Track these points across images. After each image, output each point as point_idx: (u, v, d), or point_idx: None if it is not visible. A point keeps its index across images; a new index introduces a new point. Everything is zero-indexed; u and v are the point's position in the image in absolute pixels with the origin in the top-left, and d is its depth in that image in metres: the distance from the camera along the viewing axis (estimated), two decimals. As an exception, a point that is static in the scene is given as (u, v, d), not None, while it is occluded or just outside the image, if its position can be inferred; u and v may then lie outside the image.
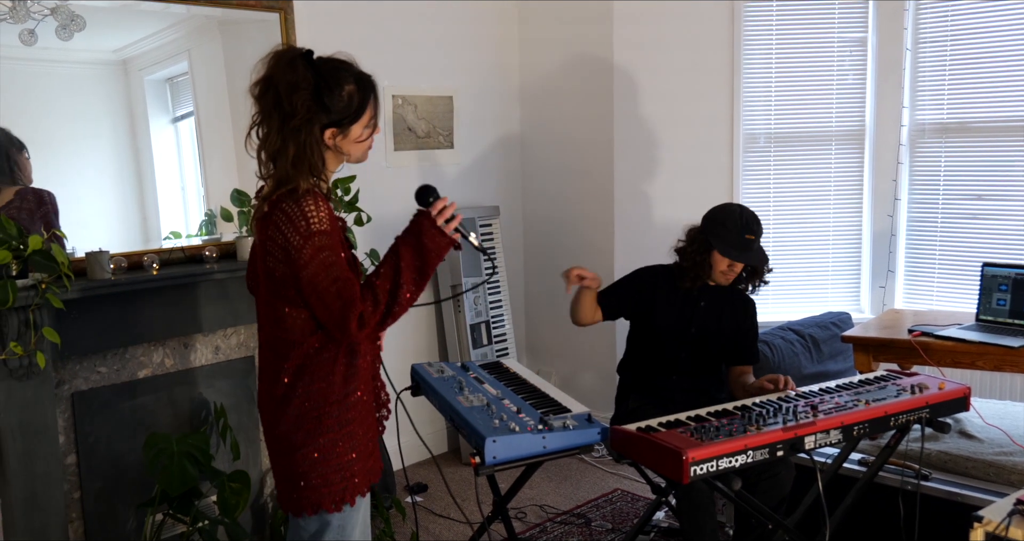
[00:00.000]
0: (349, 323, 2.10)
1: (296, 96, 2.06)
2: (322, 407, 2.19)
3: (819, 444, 2.52)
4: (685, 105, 4.81)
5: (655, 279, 3.42)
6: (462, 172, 4.99)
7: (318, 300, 2.10)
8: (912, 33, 4.60)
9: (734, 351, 3.46)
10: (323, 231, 2.09)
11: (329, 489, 2.21)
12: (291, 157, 2.10)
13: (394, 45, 4.52)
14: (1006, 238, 4.42)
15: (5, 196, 3.05)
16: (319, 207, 2.10)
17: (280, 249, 2.11)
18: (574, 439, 2.52)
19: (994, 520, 2.43)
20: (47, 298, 2.77)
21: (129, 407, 3.28)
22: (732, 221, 3.29)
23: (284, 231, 2.09)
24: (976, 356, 3.44)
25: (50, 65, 3.19)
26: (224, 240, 3.64)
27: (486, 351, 4.84)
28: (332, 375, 2.20)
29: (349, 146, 2.21)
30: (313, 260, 2.08)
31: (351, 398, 2.24)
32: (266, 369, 2.29)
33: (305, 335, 2.18)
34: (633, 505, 4.15)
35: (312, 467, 2.20)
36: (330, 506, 2.22)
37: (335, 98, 2.12)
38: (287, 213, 2.09)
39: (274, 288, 2.18)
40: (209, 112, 3.70)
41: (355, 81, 2.17)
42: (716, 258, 3.29)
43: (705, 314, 3.39)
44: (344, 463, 2.23)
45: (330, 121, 2.14)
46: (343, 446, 2.22)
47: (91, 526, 3.19)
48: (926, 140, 4.64)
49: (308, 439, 2.20)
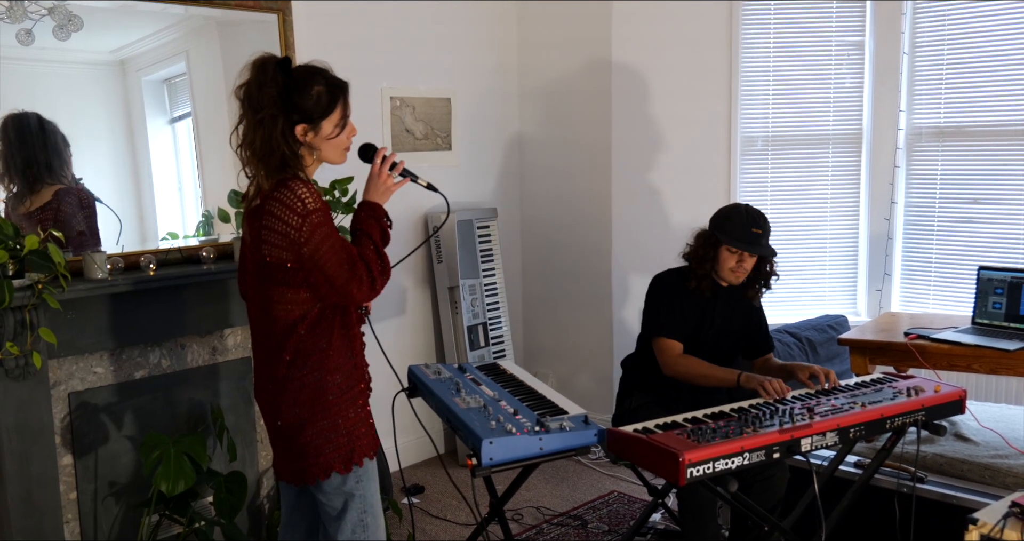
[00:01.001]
0: (360, 284, 2.28)
1: (263, 92, 2.27)
2: (324, 376, 2.34)
3: (815, 446, 2.53)
4: (683, 107, 4.82)
5: (676, 284, 3.40)
6: (460, 174, 4.99)
7: (321, 270, 2.25)
8: (909, 37, 4.60)
9: (751, 345, 3.49)
10: (318, 209, 2.26)
11: (338, 452, 2.37)
12: (258, 147, 2.29)
13: (392, 46, 4.52)
14: (1002, 242, 4.43)
15: (44, 196, 3.06)
16: (310, 190, 2.27)
17: (278, 235, 2.25)
18: (571, 441, 2.52)
19: (989, 522, 2.44)
20: (44, 298, 2.77)
21: (126, 408, 3.28)
22: (738, 216, 3.30)
23: (280, 215, 2.24)
24: (972, 359, 3.44)
25: (47, 65, 3.19)
26: (221, 241, 3.64)
27: (483, 353, 4.84)
28: (330, 347, 2.35)
29: (321, 143, 2.36)
30: (314, 234, 2.24)
31: (347, 366, 2.39)
32: (263, 358, 2.44)
33: (301, 313, 2.31)
34: (630, 507, 4.15)
35: (320, 435, 2.35)
36: (340, 467, 2.37)
37: (304, 96, 2.30)
38: (280, 199, 2.25)
39: (266, 273, 2.31)
40: (207, 113, 3.70)
41: (325, 83, 2.35)
42: (724, 255, 3.29)
43: (722, 314, 3.40)
44: (349, 427, 2.38)
45: (300, 117, 2.31)
46: (346, 411, 2.38)
47: (87, 527, 3.19)
48: (922, 144, 4.64)
49: (314, 410, 2.35)
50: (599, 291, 4.99)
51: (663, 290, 3.41)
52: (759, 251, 3.28)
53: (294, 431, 2.37)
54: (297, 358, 2.33)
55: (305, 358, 2.33)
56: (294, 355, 2.33)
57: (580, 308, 5.12)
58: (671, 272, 3.45)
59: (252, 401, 3.66)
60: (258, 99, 2.27)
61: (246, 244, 2.44)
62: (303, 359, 2.33)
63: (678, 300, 3.35)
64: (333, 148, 2.39)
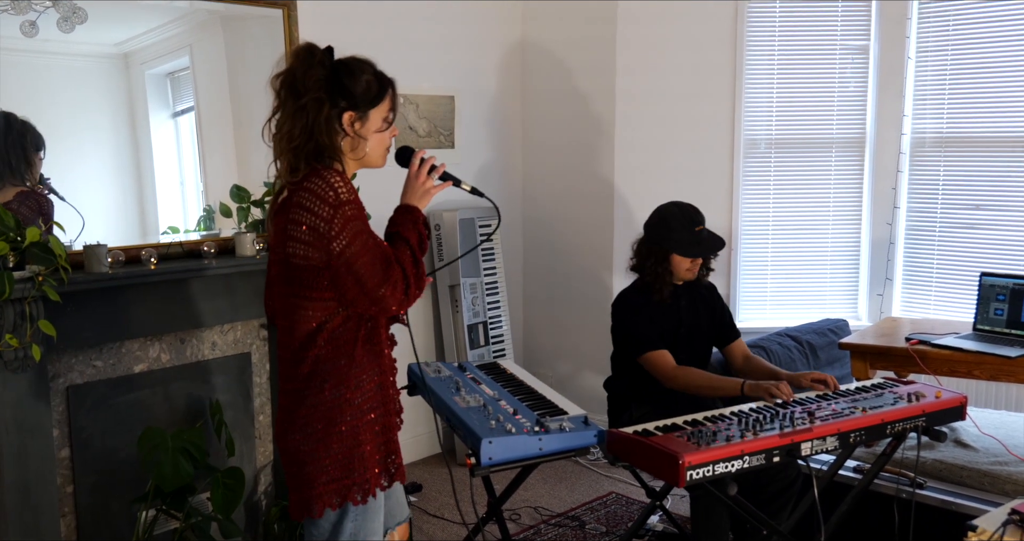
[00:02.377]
0: (394, 289, 2.09)
1: (309, 74, 2.09)
2: (343, 394, 2.14)
3: (815, 451, 2.52)
4: (687, 108, 4.81)
5: (638, 302, 3.40)
6: (462, 172, 4.96)
7: (350, 270, 2.06)
8: (914, 42, 4.59)
9: (720, 334, 3.50)
10: (352, 201, 2.08)
11: (340, 484, 2.16)
12: (297, 135, 2.10)
13: (397, 44, 4.52)
14: (1004, 248, 4.42)
15: (5, 195, 3.02)
16: (345, 180, 2.09)
17: (307, 229, 2.07)
18: (570, 441, 2.51)
19: (988, 529, 2.43)
20: (43, 290, 2.77)
21: (124, 402, 3.27)
22: (677, 221, 3.31)
23: (310, 206, 2.06)
24: (973, 365, 3.44)
25: (51, 57, 3.18)
26: (223, 236, 3.63)
27: (483, 352, 4.83)
28: (352, 362, 2.16)
29: (369, 134, 2.20)
30: (346, 228, 2.06)
31: (369, 385, 2.19)
32: (281, 372, 2.24)
33: (321, 320, 2.13)
34: (628, 508, 4.15)
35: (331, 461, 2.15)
36: (334, 503, 2.16)
37: (355, 82, 2.15)
38: (311, 189, 2.07)
39: (291, 275, 2.13)
40: (210, 108, 3.69)
41: (374, 74, 2.20)
42: (676, 261, 3.30)
43: (687, 311, 3.41)
44: (363, 456, 2.18)
45: (348, 104, 2.15)
46: (362, 437, 2.17)
47: (84, 521, 3.18)
48: (926, 149, 4.63)
49: (328, 432, 2.14)
50: (600, 291, 4.98)
51: (631, 307, 3.39)
52: (713, 247, 3.31)
53: (302, 455, 2.16)
54: (316, 371, 2.14)
55: (324, 373, 2.13)
56: (312, 367, 2.14)
57: (581, 308, 5.11)
58: (630, 289, 3.45)
59: (251, 397, 3.65)
60: (303, 82, 2.09)
61: (271, 247, 2.24)
62: (322, 374, 2.13)
63: (646, 312, 3.35)
64: (378, 144, 2.23)
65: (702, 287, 3.50)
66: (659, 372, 3.26)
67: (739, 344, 3.50)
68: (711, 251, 3.34)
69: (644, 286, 3.39)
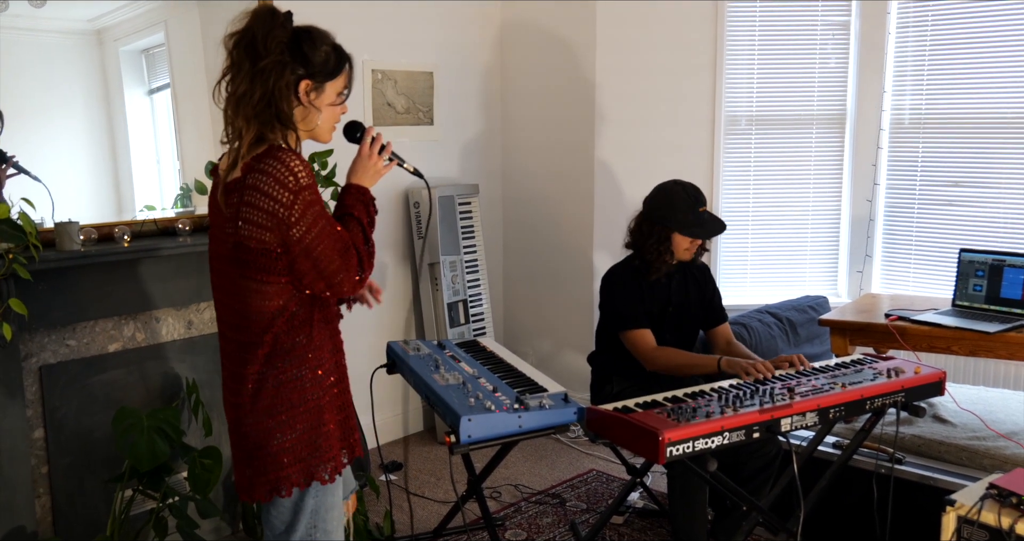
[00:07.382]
0: (351, 273, 2.10)
1: (271, 37, 2.04)
2: (304, 373, 2.13)
3: (795, 426, 2.52)
4: (668, 83, 4.78)
5: (630, 275, 3.38)
6: (441, 149, 4.94)
7: (309, 256, 2.04)
8: (895, 17, 4.57)
9: (708, 316, 3.50)
10: (310, 186, 2.04)
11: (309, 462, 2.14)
12: (256, 99, 2.03)
13: (374, 19, 4.46)
14: (982, 224, 4.43)
15: None
16: (303, 163, 2.04)
17: (263, 213, 2.01)
18: (550, 419, 2.51)
19: (966, 504, 2.45)
20: (14, 268, 2.72)
21: (99, 381, 3.24)
22: (680, 200, 3.29)
23: (268, 191, 2.00)
24: (952, 341, 3.45)
25: (21, 33, 3.12)
26: (198, 213, 3.59)
27: (463, 330, 4.81)
28: (310, 342, 2.13)
29: (322, 106, 2.15)
30: (306, 213, 2.02)
31: (329, 363, 2.18)
32: (232, 354, 2.19)
33: (281, 304, 2.09)
34: (608, 486, 4.15)
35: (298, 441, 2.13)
36: (301, 482, 2.14)
37: (315, 50, 2.11)
38: (268, 172, 2.00)
39: (244, 258, 2.07)
40: (185, 84, 3.63)
41: (333, 46, 2.17)
42: (677, 240, 3.29)
43: (677, 291, 3.40)
44: (324, 433, 2.16)
45: (306, 72, 2.10)
46: (329, 414, 2.17)
47: (59, 501, 3.15)
48: (905, 126, 4.63)
49: (292, 413, 2.12)
50: (581, 269, 4.97)
51: (620, 282, 3.38)
52: (717, 231, 3.29)
53: (265, 436, 2.12)
54: (274, 353, 2.10)
55: (284, 354, 2.10)
56: (271, 349, 2.10)
57: (561, 286, 5.10)
58: (621, 265, 3.43)
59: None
60: (264, 43, 2.02)
61: (217, 224, 2.16)
62: (282, 355, 2.10)
63: (635, 290, 3.34)
64: (329, 117, 2.18)
65: (695, 268, 3.48)
66: (638, 352, 3.25)
67: (724, 328, 3.49)
68: (714, 233, 3.32)
69: (638, 263, 3.37)
